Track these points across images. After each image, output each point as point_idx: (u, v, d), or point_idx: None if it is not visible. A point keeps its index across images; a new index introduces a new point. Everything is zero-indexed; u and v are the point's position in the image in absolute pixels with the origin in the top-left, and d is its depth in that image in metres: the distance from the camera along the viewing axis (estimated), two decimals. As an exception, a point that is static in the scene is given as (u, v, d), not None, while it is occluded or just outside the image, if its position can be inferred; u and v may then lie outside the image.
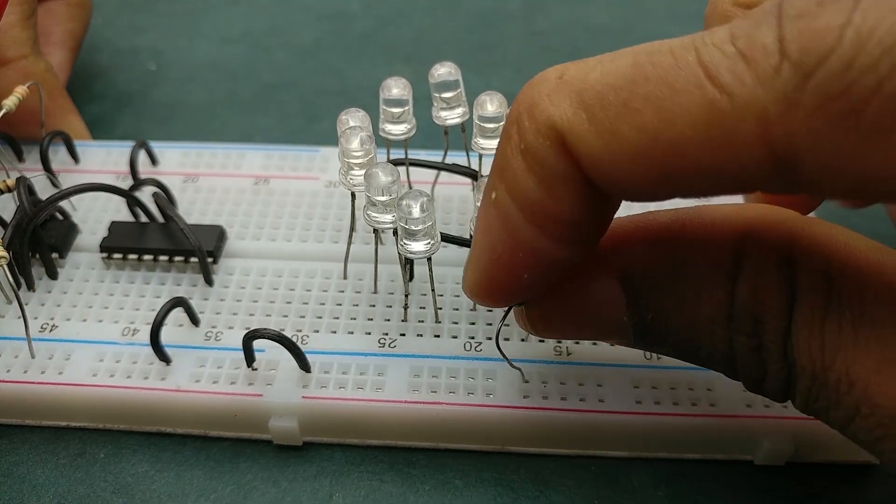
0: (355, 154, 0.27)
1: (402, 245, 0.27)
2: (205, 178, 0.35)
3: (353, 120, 0.28)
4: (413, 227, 0.26)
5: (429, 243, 0.26)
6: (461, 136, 0.31)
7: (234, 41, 0.47)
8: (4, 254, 0.28)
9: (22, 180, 0.31)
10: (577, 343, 0.29)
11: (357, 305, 0.30)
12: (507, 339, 0.29)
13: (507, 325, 0.29)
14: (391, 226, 0.27)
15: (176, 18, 0.49)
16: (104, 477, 0.28)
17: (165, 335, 0.28)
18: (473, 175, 0.31)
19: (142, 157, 0.35)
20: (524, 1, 0.50)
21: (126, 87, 0.44)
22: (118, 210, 0.34)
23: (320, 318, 0.30)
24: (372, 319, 0.30)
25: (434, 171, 0.33)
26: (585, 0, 0.50)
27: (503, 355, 0.27)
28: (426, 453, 0.29)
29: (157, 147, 0.36)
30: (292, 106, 0.43)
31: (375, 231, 0.29)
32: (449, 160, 0.32)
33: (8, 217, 0.32)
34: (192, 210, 0.34)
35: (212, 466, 0.28)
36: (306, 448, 0.29)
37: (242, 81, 0.44)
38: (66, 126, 0.37)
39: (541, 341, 0.29)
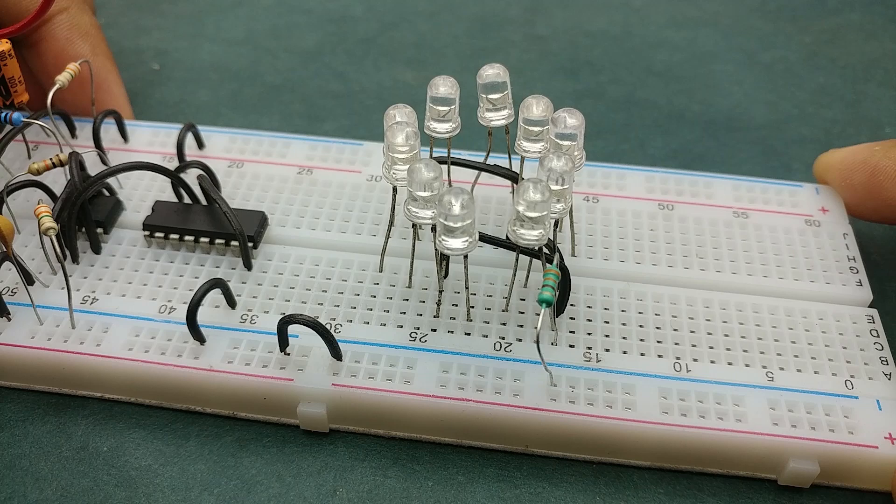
0: (400, 149, 0.28)
1: (439, 241, 0.27)
2: (250, 164, 0.35)
3: (399, 115, 0.29)
4: (452, 224, 0.26)
5: (467, 241, 0.27)
6: (505, 137, 0.32)
7: (238, 43, 0.47)
8: (54, 225, 0.28)
9: (74, 155, 0.32)
10: (608, 350, 0.29)
11: (391, 298, 0.31)
12: (534, 342, 0.29)
13: (554, 331, 0.29)
14: (430, 221, 0.27)
15: (180, 19, 0.49)
16: (107, 471, 0.28)
17: (201, 315, 0.29)
18: (514, 177, 0.31)
19: (189, 139, 0.36)
20: (525, 6, 0.50)
21: (130, 87, 0.43)
22: (162, 190, 0.34)
23: (354, 308, 0.30)
24: (405, 313, 0.30)
25: (474, 171, 0.33)
26: (585, 5, 0.50)
27: (540, 357, 0.27)
28: (429, 449, 0.29)
29: (205, 131, 0.36)
30: (295, 107, 0.43)
31: (414, 226, 0.30)
32: (490, 161, 0.32)
33: (58, 190, 0.33)
34: (236, 195, 0.34)
35: (215, 461, 0.28)
36: (310, 443, 0.29)
37: (246, 82, 0.44)
38: (105, 89, 0.37)
39: (571, 346, 0.29)
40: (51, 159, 0.32)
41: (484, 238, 0.28)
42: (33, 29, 0.35)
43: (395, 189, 0.30)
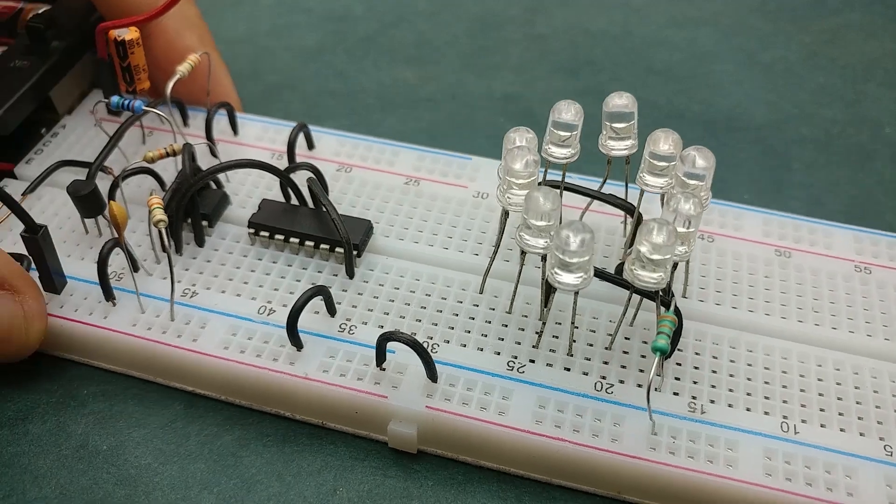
0: (519, 174, 0.27)
1: (552, 273, 0.26)
2: (358, 169, 0.35)
3: (520, 139, 0.28)
4: (568, 259, 0.25)
5: (581, 277, 0.26)
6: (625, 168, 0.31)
7: (238, 42, 0.46)
8: (165, 218, 0.28)
9: (187, 147, 0.32)
10: (713, 401, 0.28)
11: (489, 322, 0.30)
12: (639, 385, 0.28)
13: (658, 376, 0.28)
14: (542, 251, 0.27)
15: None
16: (107, 469, 0.28)
17: (300, 320, 0.29)
18: (630, 209, 0.30)
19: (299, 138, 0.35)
20: (525, 5, 0.49)
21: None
22: (269, 188, 0.34)
23: (452, 328, 0.30)
24: (503, 339, 0.29)
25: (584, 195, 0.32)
26: (585, 4, 0.49)
27: (648, 405, 0.26)
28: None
29: (315, 131, 0.36)
30: (295, 106, 0.42)
31: (523, 253, 0.29)
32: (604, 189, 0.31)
33: (166, 177, 0.33)
34: (342, 200, 0.34)
35: (215, 460, 0.28)
36: (309, 443, 0.29)
37: (246, 82, 0.44)
38: (216, 80, 0.37)
39: (675, 394, 0.28)
40: (165, 149, 0.32)
41: (598, 274, 0.27)
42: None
43: (506, 213, 0.29)
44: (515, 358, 0.29)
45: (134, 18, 0.33)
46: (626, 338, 0.30)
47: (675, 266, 0.28)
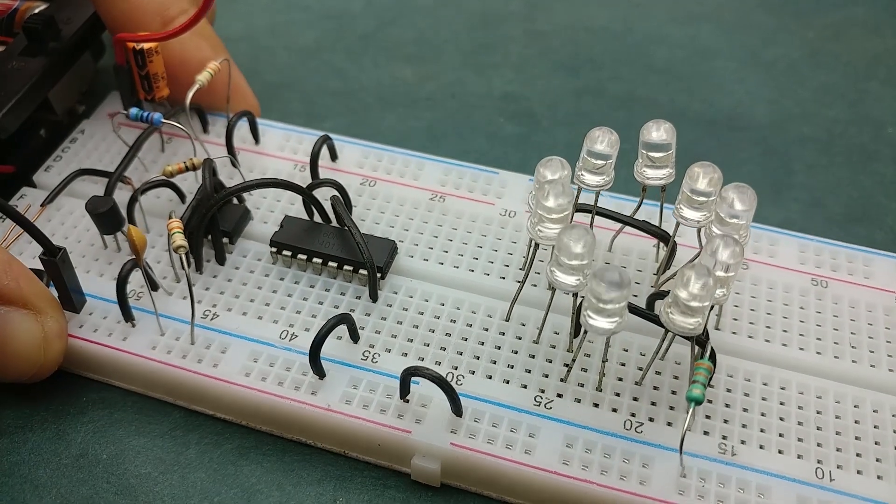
0: (551, 210, 0.26)
1: (585, 316, 0.25)
2: (382, 183, 0.34)
3: (551, 172, 0.27)
4: (602, 306, 0.24)
5: (615, 321, 0.25)
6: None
7: (236, 40, 0.45)
8: (185, 244, 0.28)
9: (207, 162, 0.31)
10: (744, 442, 0.27)
11: (516, 353, 0.29)
12: (669, 424, 0.28)
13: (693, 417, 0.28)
14: (574, 289, 0.26)
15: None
16: (107, 478, 0.28)
17: (322, 346, 0.28)
18: (664, 237, 0.29)
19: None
20: (525, 1, 0.48)
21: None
22: (291, 202, 0.33)
23: (478, 358, 0.29)
24: (530, 371, 0.29)
25: (618, 221, 0.31)
26: (586, 1, 0.48)
27: (681, 454, 0.25)
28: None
29: (338, 141, 0.35)
30: (294, 105, 0.42)
31: (553, 288, 0.28)
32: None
33: (186, 188, 0.33)
34: (366, 216, 0.33)
35: (215, 469, 0.28)
36: (310, 452, 0.28)
37: None
38: (235, 88, 0.36)
39: (705, 433, 0.27)
40: (184, 163, 0.31)
41: (632, 310, 0.26)
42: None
43: (535, 245, 0.28)
44: (543, 392, 0.28)
45: (151, 35, 0.32)
46: (657, 372, 0.29)
47: (711, 307, 0.27)
